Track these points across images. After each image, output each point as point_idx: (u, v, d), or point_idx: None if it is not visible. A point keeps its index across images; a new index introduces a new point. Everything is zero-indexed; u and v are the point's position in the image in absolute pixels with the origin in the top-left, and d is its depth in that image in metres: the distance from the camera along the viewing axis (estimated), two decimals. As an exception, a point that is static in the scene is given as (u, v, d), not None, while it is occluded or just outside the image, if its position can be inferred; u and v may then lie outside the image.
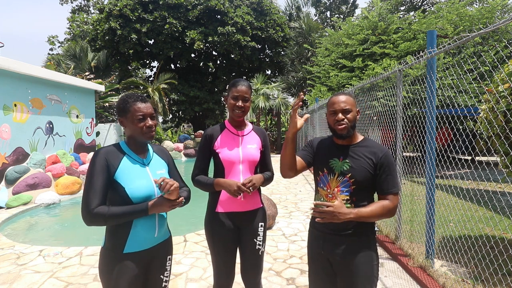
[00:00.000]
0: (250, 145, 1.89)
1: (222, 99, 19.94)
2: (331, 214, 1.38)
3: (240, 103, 1.80)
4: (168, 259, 1.64)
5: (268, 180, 1.92)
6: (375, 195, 1.62)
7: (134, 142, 1.56)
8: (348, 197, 1.54)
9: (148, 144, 1.67)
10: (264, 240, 1.93)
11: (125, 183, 1.46)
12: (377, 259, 1.58)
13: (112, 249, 1.47)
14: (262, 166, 1.96)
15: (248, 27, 16.62)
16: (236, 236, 1.87)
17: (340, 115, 1.56)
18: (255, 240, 1.88)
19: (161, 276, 1.60)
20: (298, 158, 1.69)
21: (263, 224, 1.93)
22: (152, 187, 1.52)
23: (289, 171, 1.64)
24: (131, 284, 1.46)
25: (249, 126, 1.97)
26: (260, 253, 1.90)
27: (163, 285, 1.61)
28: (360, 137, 1.64)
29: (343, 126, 1.56)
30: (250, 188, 1.74)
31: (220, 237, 1.83)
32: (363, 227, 1.55)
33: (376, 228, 1.71)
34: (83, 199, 1.40)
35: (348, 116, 1.56)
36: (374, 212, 1.46)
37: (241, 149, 1.86)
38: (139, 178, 1.50)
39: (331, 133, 1.66)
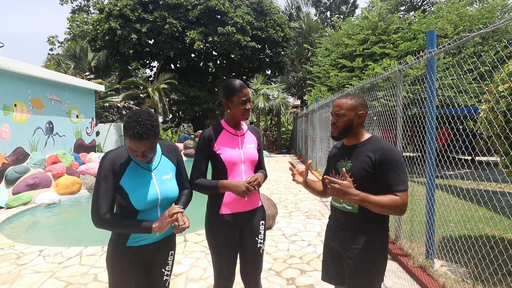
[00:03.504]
0: (249, 144, 1.90)
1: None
2: (337, 190, 1.42)
3: (248, 106, 1.82)
4: (170, 254, 1.69)
5: (265, 177, 1.96)
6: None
7: None
8: None
9: (157, 144, 1.66)
10: (264, 239, 1.94)
11: (129, 190, 1.50)
12: (379, 258, 1.58)
13: (116, 242, 1.55)
14: (258, 164, 1.98)
15: (248, 27, 16.62)
16: (239, 236, 1.87)
17: (332, 118, 1.65)
18: (256, 238, 1.89)
19: (163, 270, 1.66)
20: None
21: (263, 222, 1.94)
22: (156, 194, 1.54)
23: (324, 196, 1.89)
24: (133, 273, 1.54)
25: (245, 126, 1.98)
26: (261, 252, 1.91)
27: (164, 279, 1.67)
28: (365, 136, 1.65)
29: (333, 129, 1.66)
30: (255, 186, 1.77)
31: (224, 238, 1.82)
32: (371, 225, 1.58)
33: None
34: (92, 203, 1.47)
35: (339, 120, 1.62)
36: (381, 201, 1.44)
37: (242, 149, 1.86)
38: (143, 185, 1.52)
39: None
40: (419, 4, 19.54)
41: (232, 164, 1.82)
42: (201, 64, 19.84)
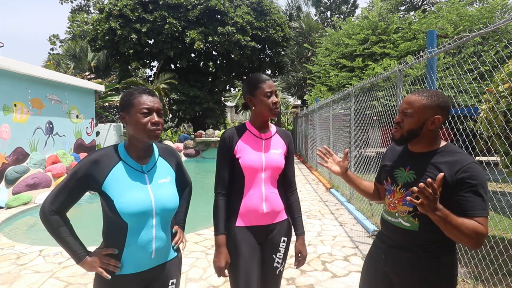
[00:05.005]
0: (274, 150, 1.64)
1: (223, 99, 19.96)
2: (428, 196, 1.09)
3: (275, 98, 1.57)
4: (170, 284, 1.40)
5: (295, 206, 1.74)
6: None
7: (135, 144, 1.32)
8: (411, 209, 1.30)
9: (154, 145, 1.43)
10: (284, 259, 1.67)
11: (114, 195, 1.24)
12: (449, 286, 1.29)
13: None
14: (284, 175, 1.69)
15: (248, 27, 16.62)
16: (258, 252, 1.63)
17: (398, 116, 1.35)
18: (274, 256, 1.64)
19: None
20: (378, 186, 1.62)
21: (285, 239, 1.68)
22: (149, 201, 1.29)
23: (378, 200, 1.62)
24: None
25: (273, 128, 1.71)
26: (277, 273, 1.65)
27: None
28: (440, 144, 1.33)
29: (395, 129, 1.35)
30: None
31: (241, 254, 1.57)
32: (437, 245, 1.27)
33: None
34: (49, 195, 1.28)
35: (405, 120, 1.31)
36: (461, 226, 1.12)
37: (264, 154, 1.61)
38: (133, 189, 1.27)
39: None
40: (419, 4, 19.55)
41: (251, 171, 1.58)
42: (201, 64, 19.83)
